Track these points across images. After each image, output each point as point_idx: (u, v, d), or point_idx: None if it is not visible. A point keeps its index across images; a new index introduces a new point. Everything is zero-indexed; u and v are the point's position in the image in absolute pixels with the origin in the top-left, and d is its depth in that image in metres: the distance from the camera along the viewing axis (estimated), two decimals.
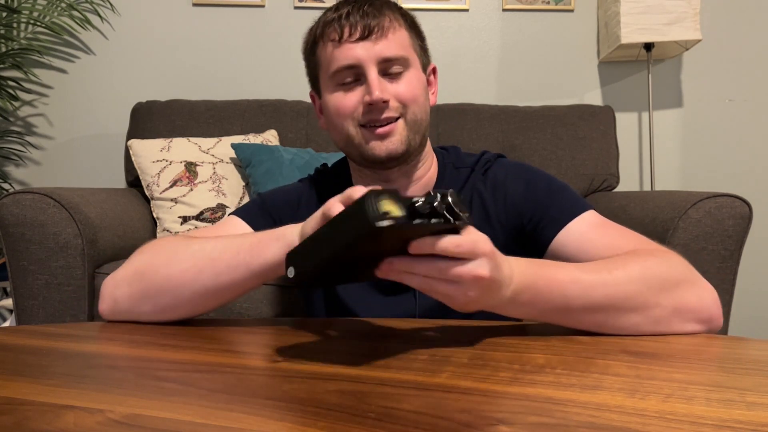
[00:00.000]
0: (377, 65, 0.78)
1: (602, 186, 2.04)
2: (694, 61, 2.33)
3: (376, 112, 0.78)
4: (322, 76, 0.82)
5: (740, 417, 0.41)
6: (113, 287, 0.72)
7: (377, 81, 0.77)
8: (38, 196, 1.42)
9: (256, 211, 0.87)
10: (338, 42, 0.78)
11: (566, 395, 0.45)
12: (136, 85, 2.32)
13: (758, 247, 2.24)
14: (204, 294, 0.68)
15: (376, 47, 0.77)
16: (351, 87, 0.80)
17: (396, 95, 0.79)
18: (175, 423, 0.41)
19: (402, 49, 0.80)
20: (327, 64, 0.80)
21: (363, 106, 0.78)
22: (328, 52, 0.80)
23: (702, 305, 0.65)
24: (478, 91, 2.34)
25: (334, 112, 0.81)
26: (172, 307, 0.69)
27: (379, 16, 0.78)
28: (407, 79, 0.80)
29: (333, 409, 0.43)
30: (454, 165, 0.89)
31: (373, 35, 0.77)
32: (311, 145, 2.04)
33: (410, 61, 0.81)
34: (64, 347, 0.62)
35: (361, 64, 0.78)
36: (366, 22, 0.77)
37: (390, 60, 0.78)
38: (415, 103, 0.80)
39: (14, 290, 1.43)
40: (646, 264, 0.65)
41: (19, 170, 2.33)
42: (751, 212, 1.37)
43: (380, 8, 0.79)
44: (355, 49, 0.77)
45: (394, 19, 0.80)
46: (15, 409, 0.43)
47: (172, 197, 1.80)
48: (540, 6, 2.34)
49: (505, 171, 0.87)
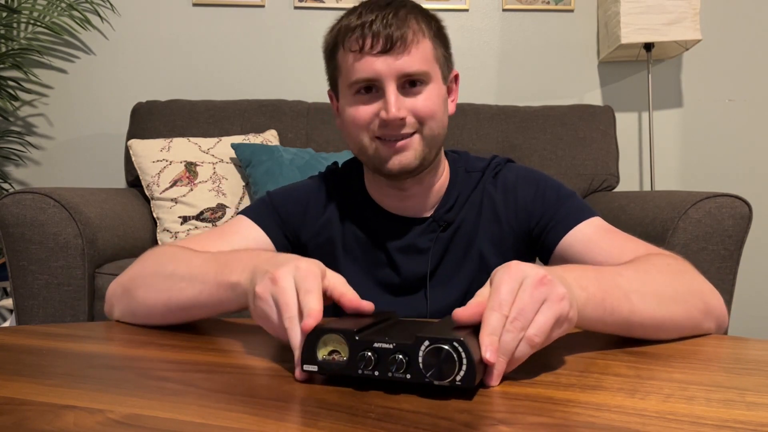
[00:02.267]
0: (396, 80, 0.76)
1: (602, 186, 2.04)
2: (694, 61, 2.33)
3: (392, 128, 0.77)
4: (341, 81, 0.81)
5: (740, 417, 0.41)
6: (110, 294, 0.75)
7: (395, 98, 0.75)
8: (38, 196, 1.42)
9: (264, 211, 0.87)
10: (359, 53, 0.76)
11: (566, 395, 0.45)
12: (136, 85, 2.32)
13: (758, 247, 2.24)
14: (173, 317, 0.69)
15: (397, 62, 0.75)
16: (369, 98, 0.78)
17: (413, 111, 0.77)
18: (175, 423, 0.41)
19: (424, 63, 0.77)
20: (346, 72, 0.78)
21: (379, 120, 0.77)
22: (349, 62, 0.77)
23: (720, 306, 0.67)
24: (478, 91, 2.34)
25: (350, 121, 0.80)
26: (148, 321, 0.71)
27: (403, 27, 0.75)
28: (426, 95, 0.78)
29: (333, 409, 0.43)
30: (465, 169, 0.89)
31: (395, 49, 0.75)
32: (311, 145, 2.04)
33: (431, 76, 0.78)
34: (64, 347, 0.62)
35: (381, 78, 0.76)
36: (389, 33, 0.74)
37: (410, 75, 0.76)
38: (433, 119, 0.78)
39: (14, 290, 1.43)
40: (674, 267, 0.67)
41: (19, 170, 2.33)
42: (751, 212, 1.37)
43: (405, 18, 0.76)
44: (376, 63, 0.75)
45: (419, 30, 0.77)
46: (15, 409, 0.43)
47: (172, 197, 1.80)
48: (540, 6, 2.34)
49: (515, 175, 0.88)
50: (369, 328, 0.50)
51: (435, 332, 0.46)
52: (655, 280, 0.63)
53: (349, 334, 0.47)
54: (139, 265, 0.74)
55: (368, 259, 0.86)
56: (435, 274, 0.86)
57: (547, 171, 2.00)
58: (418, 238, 0.86)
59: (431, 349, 0.44)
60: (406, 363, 0.45)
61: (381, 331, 0.50)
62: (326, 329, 0.47)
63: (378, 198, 0.88)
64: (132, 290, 0.71)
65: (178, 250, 0.73)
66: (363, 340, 0.46)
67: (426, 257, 0.85)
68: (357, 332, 0.47)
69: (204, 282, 0.64)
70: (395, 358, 0.45)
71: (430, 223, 0.86)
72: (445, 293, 0.84)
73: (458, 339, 0.44)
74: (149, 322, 0.70)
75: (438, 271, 0.86)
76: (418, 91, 0.78)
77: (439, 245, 0.85)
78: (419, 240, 0.85)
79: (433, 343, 0.44)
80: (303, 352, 0.48)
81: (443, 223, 0.85)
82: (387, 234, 0.86)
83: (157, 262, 0.72)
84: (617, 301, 0.57)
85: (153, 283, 0.69)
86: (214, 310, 0.65)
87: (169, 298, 0.66)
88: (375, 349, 0.46)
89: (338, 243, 0.88)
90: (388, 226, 0.86)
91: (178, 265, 0.69)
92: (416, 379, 0.45)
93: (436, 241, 0.85)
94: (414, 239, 0.86)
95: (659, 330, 0.61)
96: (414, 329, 0.50)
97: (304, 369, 0.48)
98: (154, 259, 0.74)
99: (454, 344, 0.44)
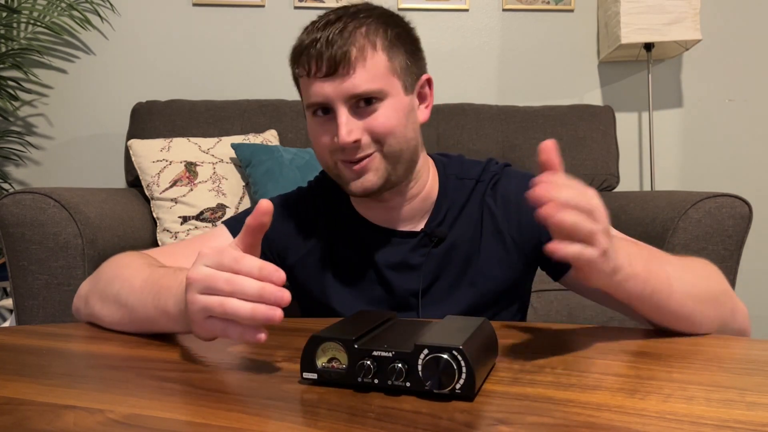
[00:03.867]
0: (346, 102, 0.73)
1: (602, 186, 2.04)
2: (694, 61, 2.33)
3: (347, 153, 0.74)
4: (302, 99, 0.79)
5: (740, 417, 0.41)
6: (77, 297, 0.77)
7: (345, 122, 0.72)
8: (38, 196, 1.42)
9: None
10: (307, 77, 0.74)
11: (566, 395, 0.45)
12: (136, 85, 2.32)
13: (758, 247, 2.24)
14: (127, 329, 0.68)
15: (344, 85, 0.71)
16: (325, 120, 0.75)
17: (369, 131, 0.74)
18: (175, 423, 0.41)
19: (374, 80, 0.72)
20: (303, 93, 0.77)
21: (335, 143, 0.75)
22: (302, 83, 0.76)
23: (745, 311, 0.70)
24: (478, 91, 2.34)
25: (313, 141, 0.79)
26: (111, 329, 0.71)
27: (346, 46, 0.71)
28: (382, 112, 0.73)
29: (333, 409, 0.43)
30: (457, 176, 0.85)
31: (338, 71, 0.71)
32: (311, 145, 2.04)
33: (385, 92, 0.73)
34: (64, 347, 0.62)
35: (330, 102, 0.73)
36: (331, 54, 0.71)
37: (359, 95, 0.72)
38: (392, 136, 0.74)
39: (14, 290, 1.43)
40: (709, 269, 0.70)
41: (19, 170, 2.33)
42: (751, 212, 1.37)
43: (351, 33, 0.72)
44: (324, 87, 0.72)
45: (368, 44, 0.73)
46: (15, 409, 0.43)
47: (172, 197, 1.80)
48: (540, 6, 2.34)
49: (515, 186, 0.83)
50: (368, 334, 0.50)
51: (434, 338, 0.46)
52: (695, 275, 0.66)
53: (348, 343, 0.47)
54: (95, 277, 0.75)
55: (359, 277, 0.83)
56: (429, 291, 0.82)
57: None
58: (409, 254, 0.82)
59: (430, 358, 0.44)
60: (405, 372, 0.45)
61: (380, 338, 0.50)
62: (325, 337, 0.47)
63: (363, 211, 0.85)
64: (89, 301, 0.73)
65: (129, 266, 0.71)
66: (362, 349, 0.46)
67: (418, 274, 0.82)
68: (356, 340, 0.47)
69: (144, 306, 0.63)
70: (394, 367, 0.45)
71: (422, 237, 0.82)
72: (439, 311, 0.80)
73: (457, 347, 0.44)
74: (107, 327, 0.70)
75: (432, 289, 0.82)
76: (374, 109, 0.74)
77: (433, 262, 0.82)
78: (411, 256, 0.82)
79: (432, 351, 0.44)
80: (302, 359, 0.48)
81: (435, 239, 0.82)
82: (377, 250, 0.83)
83: (108, 277, 0.72)
84: (659, 285, 0.60)
85: (104, 299, 0.70)
86: (163, 330, 0.64)
87: (121, 317, 0.67)
88: (374, 358, 0.46)
89: (327, 264, 0.85)
90: (379, 241, 0.83)
91: (122, 285, 0.68)
92: (416, 387, 0.45)
93: (429, 257, 0.82)
94: (405, 255, 0.82)
95: (689, 322, 0.64)
96: (414, 332, 0.50)
97: (303, 377, 0.48)
98: (109, 272, 0.73)
99: (453, 353, 0.44)
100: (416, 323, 0.55)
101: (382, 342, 0.48)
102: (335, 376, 0.47)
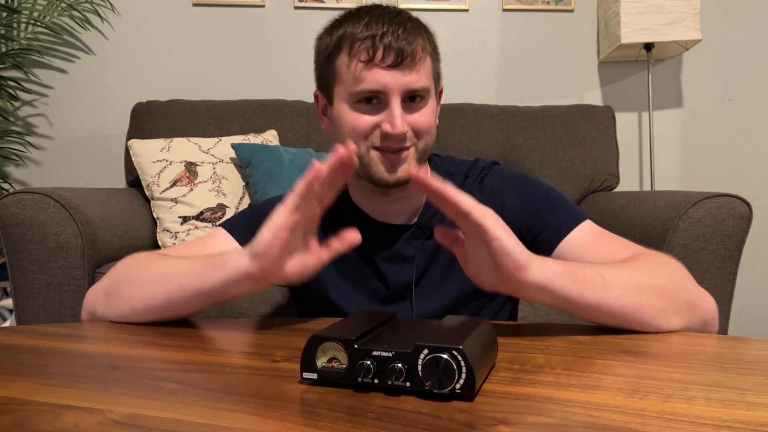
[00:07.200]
0: (402, 95, 0.76)
1: (602, 186, 2.04)
2: (694, 61, 2.33)
3: (394, 141, 0.77)
4: (339, 87, 0.79)
5: (740, 417, 0.41)
6: (92, 301, 0.76)
7: (401, 114, 0.75)
8: (38, 196, 1.42)
9: (244, 225, 0.84)
10: (368, 63, 0.75)
11: (566, 395, 0.45)
12: (136, 85, 2.32)
13: (758, 247, 2.24)
14: (158, 312, 0.71)
15: (405, 78, 0.75)
16: (370, 109, 0.77)
17: (413, 126, 0.77)
18: (175, 423, 0.41)
19: (427, 80, 0.78)
20: (350, 80, 0.77)
21: (381, 131, 0.77)
22: (354, 70, 0.76)
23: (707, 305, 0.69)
24: (478, 91, 2.34)
25: (348, 129, 0.78)
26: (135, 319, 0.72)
27: (413, 43, 0.75)
28: (425, 111, 0.78)
29: (333, 409, 0.43)
30: (447, 172, 0.88)
31: (404, 64, 0.75)
32: (311, 145, 2.04)
33: (430, 92, 0.79)
34: (64, 347, 0.62)
35: (387, 91, 0.75)
36: (400, 47, 0.74)
37: (415, 91, 0.77)
38: (428, 134, 0.79)
39: (14, 290, 1.43)
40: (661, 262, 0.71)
41: (19, 170, 2.33)
42: (751, 212, 1.37)
43: (414, 33, 0.76)
44: (385, 77, 0.75)
45: (423, 48, 0.77)
46: (15, 409, 0.43)
47: (172, 197, 1.80)
48: (540, 6, 2.34)
49: (502, 181, 0.86)
50: (368, 334, 0.50)
51: (434, 338, 0.46)
52: (635, 270, 0.67)
53: (348, 343, 0.47)
54: (120, 270, 0.76)
55: (356, 272, 0.85)
56: (421, 282, 0.84)
57: (547, 171, 2.03)
58: (403, 246, 0.85)
59: (430, 358, 0.44)
60: (405, 371, 0.45)
61: (380, 337, 0.50)
62: (325, 337, 0.48)
63: (362, 202, 0.87)
64: (116, 292, 0.73)
65: (155, 255, 0.76)
66: (362, 348, 0.46)
67: (411, 265, 0.84)
68: (356, 340, 0.47)
69: (193, 264, 0.68)
70: (394, 367, 0.45)
71: (415, 230, 0.85)
72: (432, 301, 0.83)
73: (457, 347, 0.44)
74: (136, 320, 0.72)
75: (424, 280, 0.84)
76: (419, 106, 0.78)
77: (425, 253, 0.84)
78: (404, 248, 0.85)
79: (432, 351, 0.44)
80: (302, 359, 0.48)
81: (427, 231, 0.84)
82: (373, 244, 0.85)
83: (138, 265, 0.75)
84: (589, 281, 0.62)
85: (137, 281, 0.72)
86: (203, 295, 0.67)
87: (166, 293, 0.69)
88: (374, 358, 0.46)
89: None
90: (375, 236, 0.85)
91: (161, 264, 0.71)
92: (416, 387, 0.45)
93: (421, 248, 0.84)
94: (399, 247, 0.85)
95: (636, 318, 0.64)
96: (414, 332, 0.50)
97: (303, 377, 0.48)
98: (136, 263, 0.76)
99: (453, 353, 0.44)
100: (416, 323, 0.55)
101: (382, 342, 0.48)
102: (335, 376, 0.47)
